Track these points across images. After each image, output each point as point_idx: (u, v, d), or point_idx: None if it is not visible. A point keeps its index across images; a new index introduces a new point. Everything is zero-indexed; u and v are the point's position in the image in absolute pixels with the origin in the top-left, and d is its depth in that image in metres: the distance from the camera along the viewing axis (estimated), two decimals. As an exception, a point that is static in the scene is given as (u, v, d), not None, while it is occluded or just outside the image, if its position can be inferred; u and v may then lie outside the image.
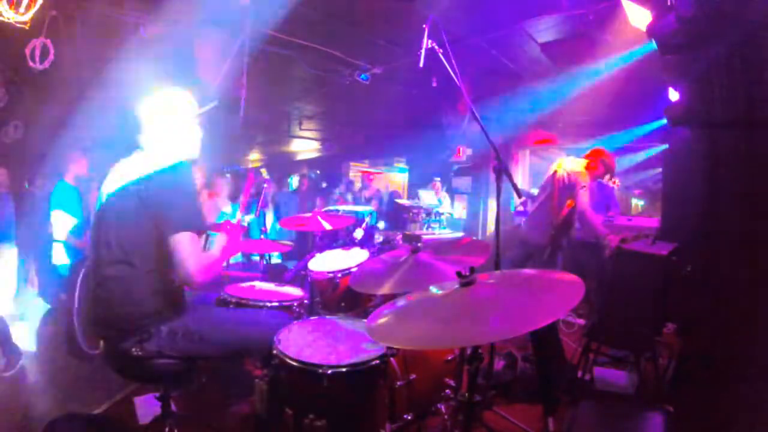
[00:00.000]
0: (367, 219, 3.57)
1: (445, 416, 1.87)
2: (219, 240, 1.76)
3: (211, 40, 3.77)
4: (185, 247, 1.49)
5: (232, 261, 3.93)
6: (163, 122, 1.69)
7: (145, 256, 1.55)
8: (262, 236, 2.98)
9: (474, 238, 6.21)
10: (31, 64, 3.15)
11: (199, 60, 3.90)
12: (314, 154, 11.39)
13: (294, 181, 10.10)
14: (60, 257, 3.64)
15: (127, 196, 1.56)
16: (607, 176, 3.60)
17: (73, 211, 3.59)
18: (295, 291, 2.39)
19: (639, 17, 3.11)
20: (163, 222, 1.50)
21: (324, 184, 7.29)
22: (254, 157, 12.51)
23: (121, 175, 1.62)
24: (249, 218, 4.38)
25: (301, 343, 1.63)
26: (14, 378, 2.84)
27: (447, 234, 4.82)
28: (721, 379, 2.17)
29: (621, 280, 2.46)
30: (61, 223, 3.56)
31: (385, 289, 1.69)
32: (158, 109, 1.69)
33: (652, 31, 2.64)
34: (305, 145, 10.58)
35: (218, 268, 1.67)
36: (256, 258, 3.75)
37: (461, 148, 7.06)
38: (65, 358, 2.86)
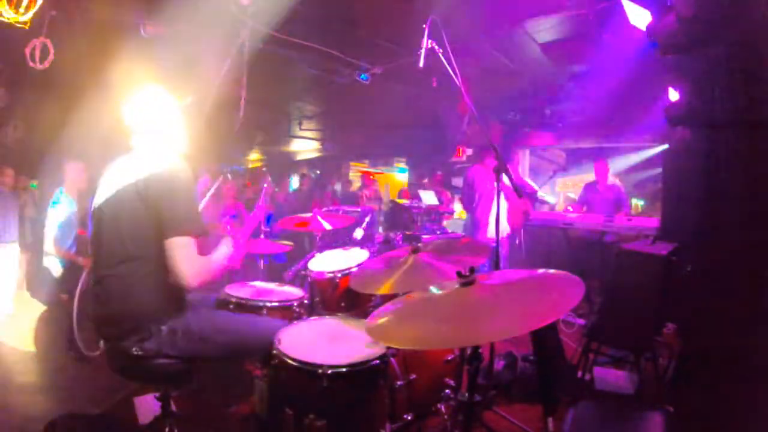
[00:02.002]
0: (367, 219, 3.56)
1: (445, 416, 1.87)
2: (223, 247, 1.73)
3: (211, 39, 3.77)
4: (179, 251, 1.50)
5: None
6: (148, 121, 1.68)
7: (145, 255, 1.54)
8: (262, 236, 2.97)
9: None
10: (31, 64, 3.15)
11: (199, 60, 3.90)
12: (314, 154, 11.39)
13: (294, 181, 10.11)
14: (50, 263, 3.51)
15: (126, 195, 1.56)
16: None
17: (61, 227, 3.32)
18: (295, 291, 2.39)
19: (639, 17, 3.10)
20: (161, 224, 1.51)
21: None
22: (254, 157, 12.51)
23: (118, 174, 1.62)
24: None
25: (301, 343, 1.63)
26: (14, 378, 2.84)
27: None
28: (721, 379, 2.16)
29: (621, 280, 2.46)
30: (49, 235, 3.31)
31: (385, 289, 1.69)
32: (142, 109, 1.68)
33: (652, 31, 2.64)
34: (305, 145, 10.57)
35: (216, 274, 1.66)
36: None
37: (461, 148, 7.06)
38: (65, 358, 2.86)
